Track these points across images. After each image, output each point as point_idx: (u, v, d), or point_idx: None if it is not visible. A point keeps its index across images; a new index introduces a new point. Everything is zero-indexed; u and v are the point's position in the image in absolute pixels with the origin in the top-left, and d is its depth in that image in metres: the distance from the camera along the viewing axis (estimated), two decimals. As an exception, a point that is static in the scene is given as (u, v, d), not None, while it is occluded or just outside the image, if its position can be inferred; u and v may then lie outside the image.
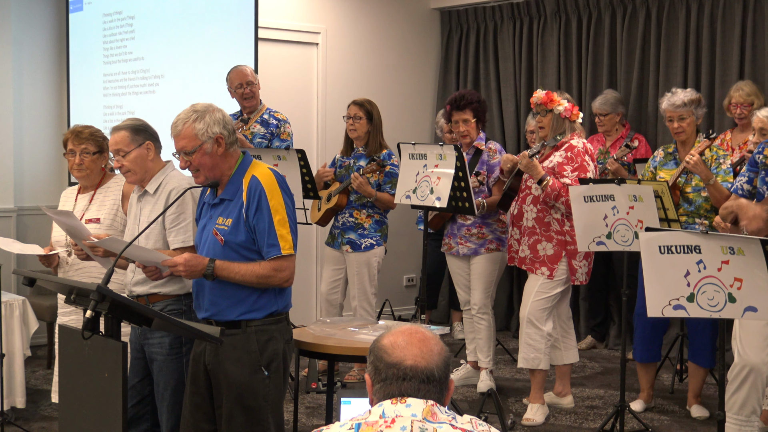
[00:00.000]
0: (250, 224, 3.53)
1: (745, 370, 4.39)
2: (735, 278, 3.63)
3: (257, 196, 3.52)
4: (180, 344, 3.93)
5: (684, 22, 7.23)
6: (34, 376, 6.50)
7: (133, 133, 4.00)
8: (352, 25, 8.24)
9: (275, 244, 3.51)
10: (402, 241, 8.17)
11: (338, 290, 6.45)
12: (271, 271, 3.53)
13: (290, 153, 5.96)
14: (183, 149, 3.56)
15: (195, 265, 3.52)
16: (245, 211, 3.53)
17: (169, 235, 3.92)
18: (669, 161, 5.66)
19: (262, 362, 3.57)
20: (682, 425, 5.56)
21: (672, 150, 5.68)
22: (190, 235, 3.90)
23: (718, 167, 5.44)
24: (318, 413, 5.69)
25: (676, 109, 5.52)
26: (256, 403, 3.57)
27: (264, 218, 3.51)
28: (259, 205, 3.51)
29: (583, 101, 7.71)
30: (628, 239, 5.04)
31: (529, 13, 8.18)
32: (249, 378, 3.56)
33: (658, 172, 5.67)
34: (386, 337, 2.30)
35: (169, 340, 3.92)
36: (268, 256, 3.52)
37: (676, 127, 5.55)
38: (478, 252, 6.01)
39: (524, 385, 6.28)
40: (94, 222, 4.43)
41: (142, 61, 7.70)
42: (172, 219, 3.91)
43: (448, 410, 2.24)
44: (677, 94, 5.58)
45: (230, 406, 3.57)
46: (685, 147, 5.60)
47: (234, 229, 3.54)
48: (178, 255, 3.59)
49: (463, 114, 5.92)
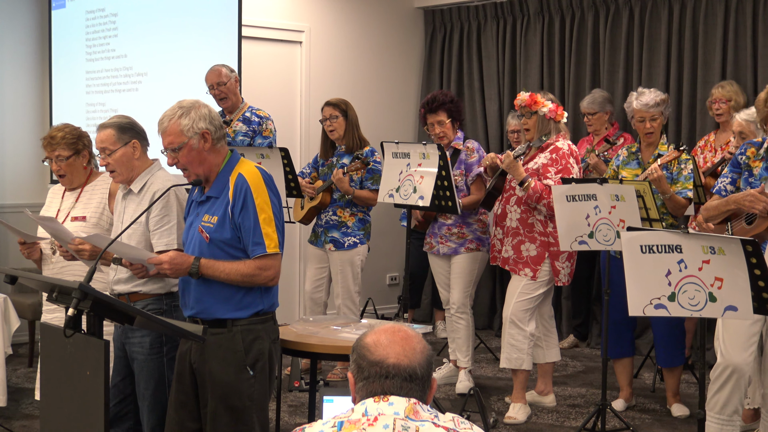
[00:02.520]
0: (236, 222, 3.52)
1: (727, 370, 4.40)
2: (716, 278, 3.65)
3: (243, 194, 3.51)
4: (161, 344, 3.92)
5: (667, 22, 7.26)
6: (15, 374, 6.47)
7: (119, 132, 3.97)
8: (336, 24, 8.24)
9: (260, 243, 3.50)
10: (385, 240, 8.18)
11: (322, 289, 6.45)
12: (256, 270, 3.51)
13: (273, 151, 5.95)
14: (170, 145, 3.56)
15: (180, 263, 3.51)
16: (231, 209, 3.52)
17: (153, 237, 3.90)
18: (632, 161, 5.67)
19: (248, 362, 3.56)
20: (663, 424, 5.59)
21: (635, 150, 5.69)
22: (174, 238, 3.88)
23: (679, 173, 5.46)
24: (301, 412, 5.69)
25: (648, 109, 5.52)
26: (240, 403, 3.56)
27: (249, 216, 3.50)
28: (245, 203, 3.50)
29: (566, 101, 7.73)
30: (610, 238, 5.06)
31: (513, 13, 8.20)
32: (234, 377, 3.55)
33: (620, 170, 5.67)
34: (369, 335, 2.31)
35: (150, 340, 3.91)
36: (253, 255, 3.51)
37: (648, 128, 5.55)
38: (457, 251, 6.02)
39: (506, 384, 6.30)
40: (80, 220, 4.41)
41: (125, 59, 7.68)
42: (156, 221, 3.89)
43: (430, 408, 2.25)
44: (646, 95, 5.56)
45: (215, 406, 3.55)
46: (649, 147, 5.61)
47: (219, 226, 3.53)
48: (164, 253, 3.58)
49: (437, 116, 5.91)
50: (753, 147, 4.50)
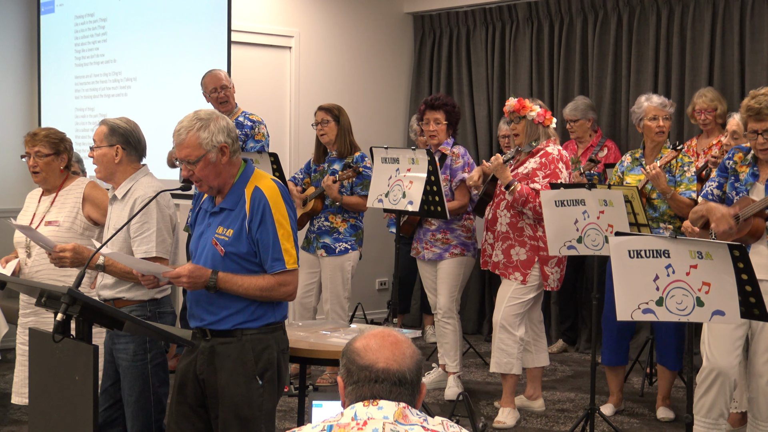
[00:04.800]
0: (254, 237, 3.45)
1: (713, 373, 4.43)
2: (703, 282, 3.67)
3: (261, 209, 3.44)
4: (145, 350, 3.92)
5: (654, 28, 7.30)
6: (3, 379, 6.45)
7: (109, 132, 4.00)
8: (326, 29, 8.25)
9: (280, 259, 3.44)
10: (374, 245, 8.18)
11: (312, 294, 6.45)
12: (275, 285, 3.46)
13: (263, 156, 5.96)
14: (186, 158, 3.45)
15: (198, 276, 3.43)
16: (248, 224, 3.44)
17: (133, 244, 3.90)
18: (636, 167, 5.72)
19: (257, 371, 3.50)
20: (651, 428, 5.60)
21: (639, 155, 5.74)
22: (153, 246, 3.87)
23: (682, 175, 5.51)
24: (290, 416, 5.69)
25: (663, 108, 5.63)
26: (250, 413, 3.51)
27: (268, 232, 3.43)
28: (263, 218, 3.43)
29: (555, 106, 7.76)
30: (599, 243, 5.07)
31: (502, 19, 8.23)
32: (244, 387, 3.49)
33: (625, 177, 5.73)
34: (359, 340, 2.32)
35: (134, 347, 3.90)
36: (272, 271, 3.45)
37: (662, 125, 5.63)
38: (442, 257, 6.03)
39: (495, 389, 6.31)
40: (53, 224, 4.44)
41: (114, 64, 7.68)
42: (136, 228, 3.89)
43: (419, 413, 2.25)
44: (654, 97, 5.70)
45: (225, 416, 3.50)
46: (653, 152, 5.67)
47: (236, 240, 3.45)
48: (181, 266, 3.50)
49: (435, 113, 5.96)
50: (741, 152, 4.53)
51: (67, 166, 4.57)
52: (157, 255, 3.87)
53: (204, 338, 3.54)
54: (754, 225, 4.30)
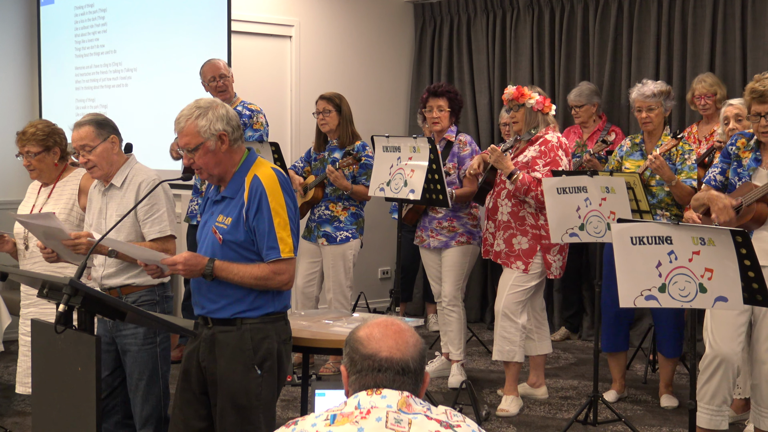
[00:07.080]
0: (250, 225, 3.46)
1: (716, 360, 4.43)
2: (706, 269, 3.67)
3: (258, 197, 3.45)
4: (154, 334, 3.95)
5: (656, 14, 7.27)
6: (7, 371, 6.46)
7: (97, 128, 3.99)
8: (326, 18, 8.23)
9: (275, 247, 3.45)
10: (377, 234, 8.18)
11: (314, 283, 6.45)
12: (270, 274, 3.47)
13: (264, 146, 5.95)
14: (186, 146, 3.48)
15: (194, 264, 3.45)
16: (246, 212, 3.46)
17: (144, 226, 3.93)
18: (635, 152, 5.71)
19: (256, 361, 3.51)
20: (655, 415, 5.61)
21: (639, 141, 5.73)
22: (166, 225, 3.94)
23: (683, 163, 5.49)
24: (293, 406, 5.70)
25: (645, 99, 5.59)
26: (247, 402, 3.52)
27: (264, 220, 3.44)
28: (260, 206, 3.44)
29: (556, 93, 7.74)
30: (601, 230, 5.07)
31: (502, 6, 8.20)
32: (242, 376, 3.50)
33: (624, 162, 5.71)
34: (362, 328, 2.31)
35: (144, 331, 3.95)
36: (268, 259, 3.46)
37: (644, 117, 5.62)
38: (448, 245, 6.03)
39: (498, 377, 6.31)
40: None
41: (114, 54, 7.66)
42: (146, 211, 3.93)
43: (423, 401, 2.25)
44: (647, 85, 5.64)
45: (222, 404, 3.52)
46: (652, 139, 5.66)
47: (233, 228, 3.47)
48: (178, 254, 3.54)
49: (438, 100, 5.96)
50: (744, 138, 4.52)
51: (62, 157, 4.56)
52: (172, 234, 3.95)
53: (206, 326, 3.56)
54: (757, 210, 4.29)
